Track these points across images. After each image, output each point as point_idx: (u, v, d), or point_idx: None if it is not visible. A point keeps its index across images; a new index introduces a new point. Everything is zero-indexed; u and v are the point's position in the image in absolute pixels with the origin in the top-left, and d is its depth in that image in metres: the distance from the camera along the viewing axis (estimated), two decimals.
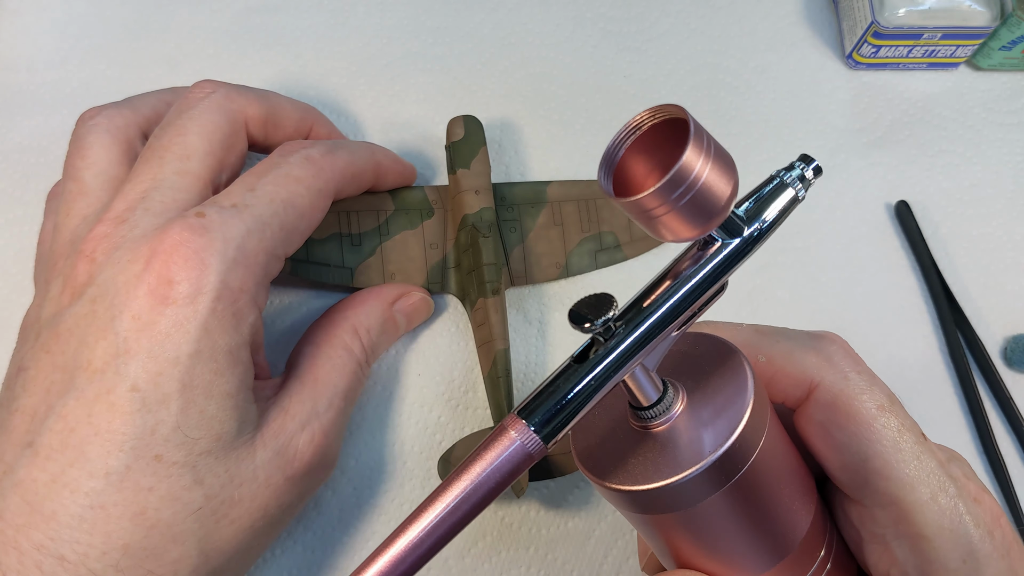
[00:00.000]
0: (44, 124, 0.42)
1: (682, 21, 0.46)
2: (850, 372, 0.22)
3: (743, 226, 0.19)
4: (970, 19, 0.41)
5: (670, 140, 0.17)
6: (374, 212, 0.38)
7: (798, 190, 0.20)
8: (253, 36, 0.44)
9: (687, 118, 0.16)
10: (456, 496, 0.18)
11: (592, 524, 0.36)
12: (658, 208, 0.16)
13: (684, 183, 0.16)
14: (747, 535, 0.20)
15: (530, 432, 0.18)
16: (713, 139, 0.16)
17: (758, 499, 0.20)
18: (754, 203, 0.19)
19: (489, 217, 0.37)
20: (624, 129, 0.17)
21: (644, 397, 0.20)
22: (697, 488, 0.19)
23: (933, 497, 0.21)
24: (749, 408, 0.19)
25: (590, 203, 0.40)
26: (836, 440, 0.22)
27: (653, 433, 0.20)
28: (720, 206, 0.17)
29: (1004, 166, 0.43)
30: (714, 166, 0.16)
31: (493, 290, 0.36)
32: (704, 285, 0.19)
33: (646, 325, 0.19)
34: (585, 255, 0.39)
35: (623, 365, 0.19)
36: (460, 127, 0.39)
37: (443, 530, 0.18)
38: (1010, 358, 0.39)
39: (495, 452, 0.18)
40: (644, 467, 0.19)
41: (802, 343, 0.23)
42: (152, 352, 0.25)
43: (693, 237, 0.17)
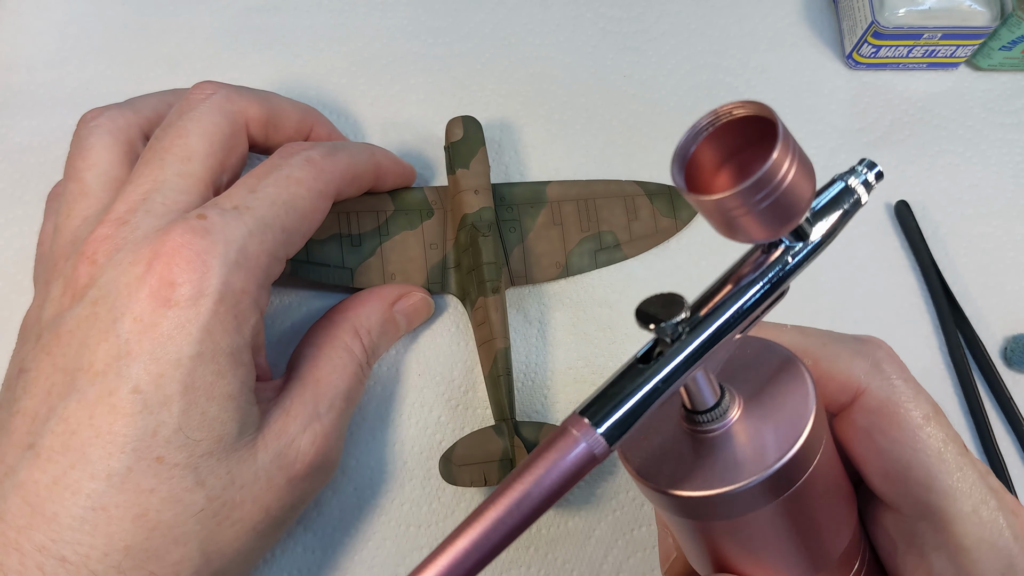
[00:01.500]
0: (44, 124, 0.42)
1: (682, 21, 0.46)
2: (897, 379, 0.22)
3: (809, 230, 0.19)
4: (970, 19, 0.41)
5: (743, 138, 0.16)
6: (374, 213, 0.38)
7: (860, 195, 0.19)
8: (253, 36, 0.44)
9: (774, 118, 0.16)
10: (517, 497, 0.17)
11: (592, 524, 0.36)
12: (738, 208, 0.16)
13: (770, 185, 0.15)
14: (791, 546, 0.20)
15: (595, 433, 0.17)
16: (797, 142, 0.16)
17: (808, 511, 0.20)
18: (819, 207, 0.19)
19: (489, 216, 0.37)
20: (702, 121, 0.17)
21: (702, 401, 0.19)
22: (754, 497, 0.18)
23: (975, 509, 0.20)
24: (812, 417, 0.19)
25: (589, 203, 0.40)
26: (880, 447, 0.21)
27: (707, 438, 0.19)
28: (800, 210, 0.16)
29: (1004, 166, 0.43)
30: (798, 169, 0.16)
31: (493, 289, 0.36)
32: (770, 289, 0.19)
33: (712, 330, 0.18)
34: (585, 255, 0.39)
35: (688, 368, 0.18)
36: (459, 127, 0.39)
37: (502, 534, 0.17)
38: (1010, 358, 0.39)
39: (558, 452, 0.17)
40: (699, 473, 0.19)
41: (849, 347, 0.22)
42: (154, 354, 0.25)
43: (766, 239, 0.17)
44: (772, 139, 0.15)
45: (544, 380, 0.38)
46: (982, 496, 0.21)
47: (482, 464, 0.34)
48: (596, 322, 0.39)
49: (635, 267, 0.40)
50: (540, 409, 0.38)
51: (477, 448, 0.34)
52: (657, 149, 0.43)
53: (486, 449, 0.34)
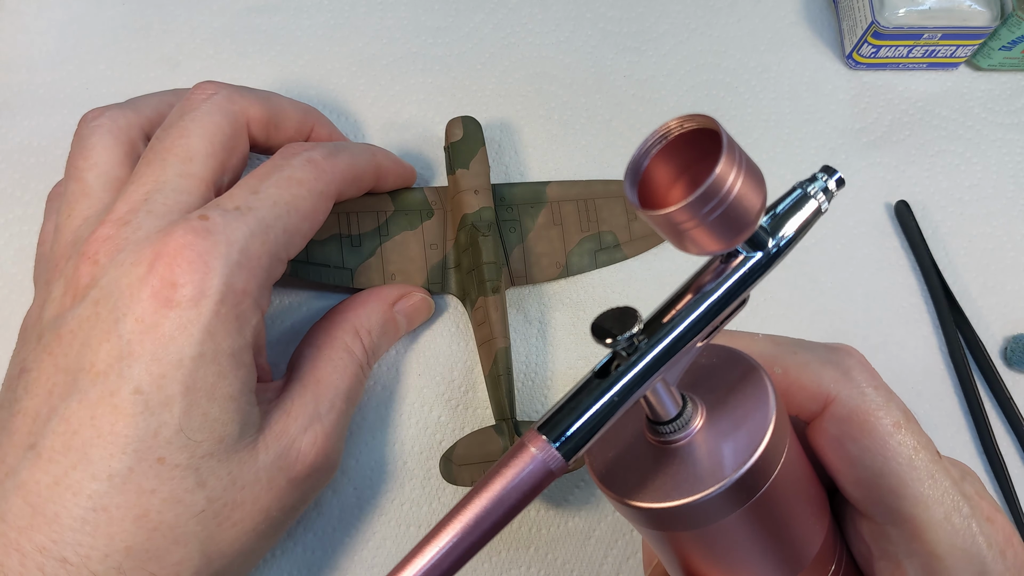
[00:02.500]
0: (44, 124, 0.42)
1: (682, 21, 0.46)
2: (867, 387, 0.22)
3: (767, 239, 0.19)
4: (970, 19, 0.41)
5: (697, 150, 0.17)
6: (374, 213, 0.38)
7: (821, 202, 0.19)
8: (253, 36, 0.44)
9: (719, 129, 0.16)
10: (475, 515, 0.17)
11: (592, 524, 0.36)
12: (687, 222, 0.16)
13: (716, 198, 0.15)
14: (762, 552, 0.20)
15: (551, 448, 0.18)
16: (744, 152, 0.16)
17: (776, 516, 0.20)
18: (777, 216, 0.19)
19: (488, 216, 0.37)
20: (651, 137, 0.17)
21: (663, 412, 0.19)
22: (716, 507, 0.18)
23: (947, 517, 0.20)
24: (772, 425, 0.19)
25: (589, 203, 0.40)
26: (851, 455, 0.21)
27: (671, 448, 0.20)
28: (750, 220, 0.17)
29: (1004, 166, 0.43)
30: (745, 180, 0.16)
31: (493, 288, 0.36)
32: (727, 299, 0.19)
33: (669, 340, 0.18)
34: (585, 255, 0.39)
35: (645, 380, 0.18)
36: (459, 128, 0.39)
37: (461, 550, 0.17)
38: (1010, 358, 0.39)
39: (515, 469, 0.17)
40: (662, 484, 0.19)
41: (819, 355, 0.22)
42: (155, 355, 0.25)
43: (719, 251, 0.17)
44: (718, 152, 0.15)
45: (544, 380, 0.38)
46: (954, 503, 0.21)
47: (482, 464, 0.34)
48: None
49: (635, 267, 0.40)
50: (540, 409, 0.38)
51: (477, 447, 0.34)
52: None
53: (486, 449, 0.34)
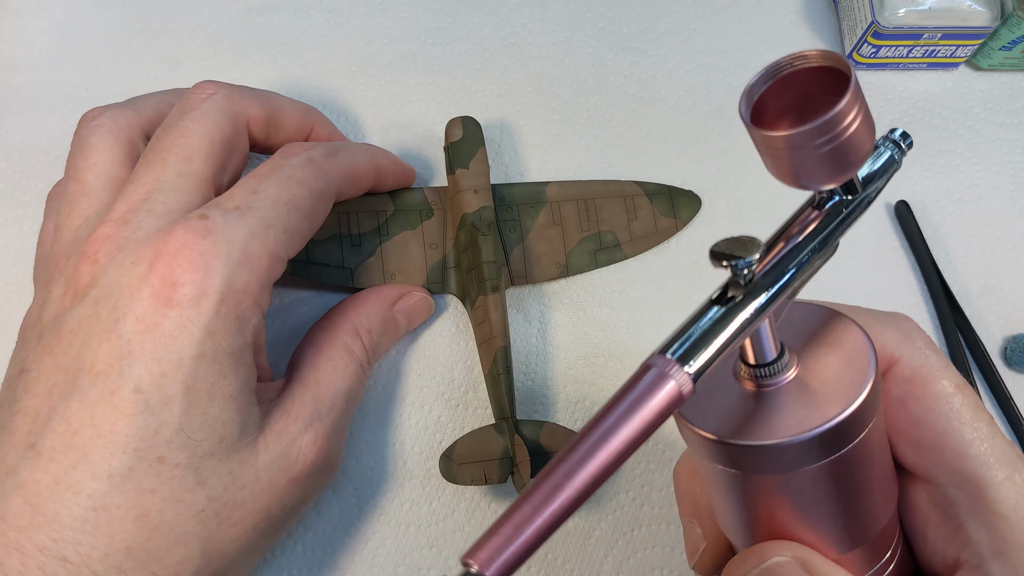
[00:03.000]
0: (44, 124, 0.42)
1: (682, 21, 0.46)
2: (927, 350, 0.22)
3: (858, 184, 0.19)
4: (970, 19, 0.41)
5: (814, 89, 0.17)
6: (374, 213, 0.38)
7: (897, 155, 0.20)
8: (253, 36, 0.44)
9: (849, 71, 0.16)
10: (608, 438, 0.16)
11: (592, 524, 0.36)
12: (798, 149, 0.16)
13: (834, 130, 0.16)
14: (834, 513, 0.20)
15: (683, 371, 0.16)
16: (864, 97, 0.17)
17: (856, 477, 0.20)
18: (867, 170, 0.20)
19: (488, 216, 0.37)
20: (783, 60, 0.17)
21: (763, 353, 0.19)
22: (805, 453, 0.18)
23: (1009, 476, 0.21)
24: (872, 380, 0.19)
25: (589, 203, 0.40)
26: (914, 415, 0.21)
27: (764, 392, 0.19)
28: (859, 160, 0.17)
29: (1004, 166, 0.43)
30: (863, 120, 0.16)
31: (493, 287, 0.36)
32: (827, 240, 0.19)
33: (784, 275, 0.18)
34: (585, 254, 0.39)
35: (761, 313, 0.18)
36: (458, 128, 0.39)
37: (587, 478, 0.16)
38: (1010, 358, 0.39)
39: (645, 391, 0.16)
40: (751, 424, 0.19)
41: (880, 319, 0.23)
42: (156, 354, 0.25)
43: (820, 186, 0.18)
44: (844, 88, 0.16)
45: (544, 380, 0.38)
46: (1014, 463, 0.21)
47: (482, 462, 0.34)
48: (596, 322, 0.39)
49: (635, 267, 0.40)
50: (540, 409, 0.38)
51: (478, 446, 0.34)
52: (657, 149, 0.43)
53: (487, 447, 0.34)
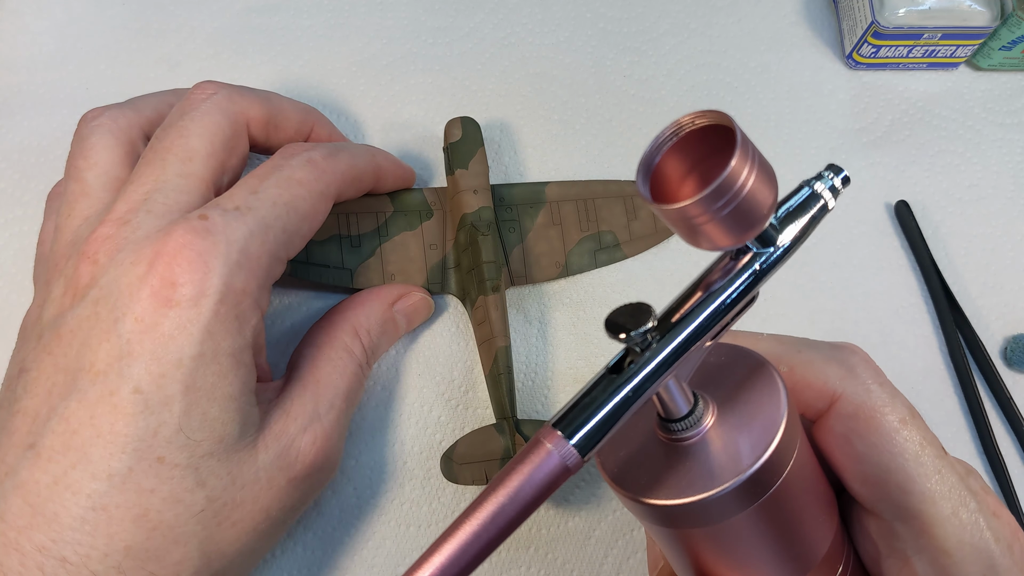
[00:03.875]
0: (44, 124, 0.42)
1: (682, 21, 0.46)
2: (872, 384, 0.22)
3: (776, 235, 0.19)
4: (970, 19, 0.41)
5: (709, 147, 0.17)
6: (373, 214, 0.38)
7: (828, 200, 0.19)
8: (253, 36, 0.44)
9: (732, 126, 0.16)
10: (492, 512, 0.17)
11: (592, 524, 0.36)
12: (700, 217, 0.16)
13: (729, 192, 0.16)
14: (773, 551, 0.20)
15: (568, 445, 0.17)
16: (756, 149, 0.16)
17: (786, 515, 0.20)
18: (785, 213, 0.19)
19: (488, 216, 0.37)
20: (664, 132, 0.17)
21: (675, 409, 0.19)
22: (727, 504, 0.18)
23: (954, 511, 0.21)
24: (784, 421, 0.19)
25: (588, 203, 0.40)
26: (857, 452, 0.21)
27: (683, 446, 0.20)
28: (761, 216, 0.17)
29: (1004, 166, 0.43)
30: (758, 176, 0.16)
31: (493, 287, 0.36)
32: (738, 296, 0.19)
33: (682, 337, 0.18)
34: (584, 254, 0.39)
35: (659, 377, 0.18)
36: (458, 128, 0.39)
37: (477, 549, 0.17)
38: (1010, 358, 0.39)
39: (532, 466, 0.17)
40: (674, 481, 0.19)
41: (824, 353, 0.23)
42: (155, 354, 0.25)
43: (731, 246, 0.17)
44: (731, 147, 0.15)
45: (544, 380, 0.38)
46: (961, 498, 0.21)
47: (483, 462, 0.34)
48: (596, 322, 0.39)
49: (635, 267, 0.40)
50: (540, 409, 0.38)
51: (478, 446, 0.34)
52: None
53: (487, 447, 0.34)
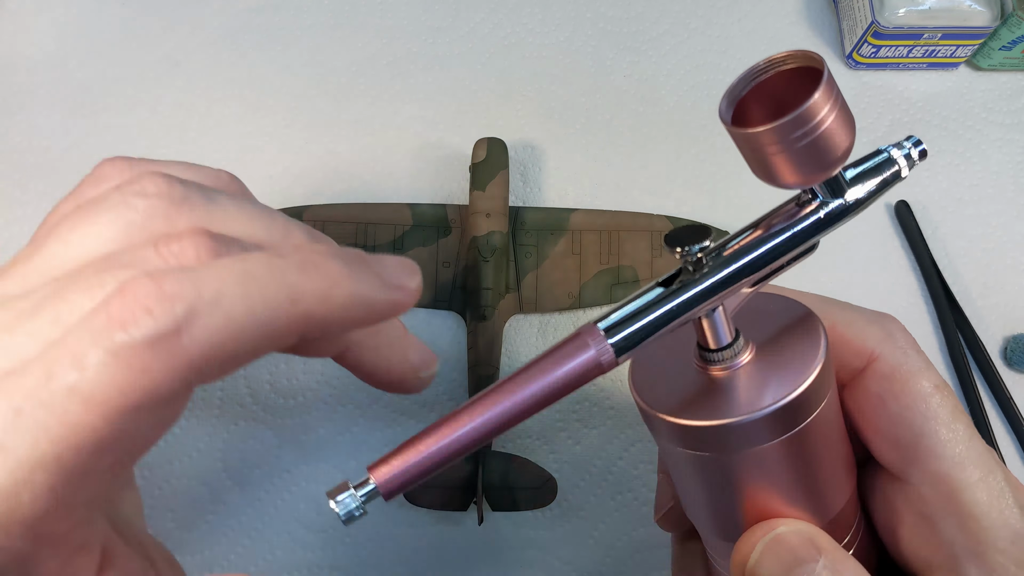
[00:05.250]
0: (44, 124, 0.41)
1: (682, 21, 0.46)
2: (909, 350, 0.22)
3: (845, 189, 0.19)
4: (970, 19, 0.41)
5: (796, 90, 0.17)
6: (391, 226, 0.38)
7: (902, 167, 0.20)
8: (253, 36, 0.44)
9: (822, 66, 0.16)
10: (524, 389, 0.18)
11: (592, 524, 0.36)
12: (774, 146, 0.17)
13: (807, 124, 0.16)
14: (790, 491, 0.21)
15: (606, 342, 0.18)
16: (841, 94, 0.17)
17: (808, 458, 0.20)
18: (858, 172, 0.19)
19: (497, 241, 0.37)
20: (757, 66, 0.18)
21: (716, 338, 0.20)
22: (753, 432, 0.19)
23: (983, 478, 0.21)
24: (821, 362, 0.19)
25: (613, 234, 0.39)
26: (891, 413, 0.22)
27: (718, 377, 0.20)
28: (834, 157, 0.17)
29: (1004, 166, 0.43)
30: (838, 116, 0.16)
31: (484, 315, 0.36)
32: (797, 239, 0.19)
33: (734, 267, 0.19)
34: (600, 287, 0.38)
35: (706, 299, 0.19)
36: (483, 149, 0.39)
37: (499, 420, 0.18)
38: (1010, 358, 0.39)
39: (567, 355, 0.18)
40: (706, 406, 0.19)
41: (866, 316, 0.23)
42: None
43: (799, 184, 0.18)
44: (817, 84, 0.16)
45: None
46: (989, 466, 0.21)
47: (442, 488, 0.34)
48: None
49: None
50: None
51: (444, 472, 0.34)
52: (658, 149, 0.43)
53: (452, 474, 0.34)
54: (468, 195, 0.38)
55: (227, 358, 0.16)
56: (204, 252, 0.17)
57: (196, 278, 0.16)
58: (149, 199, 0.18)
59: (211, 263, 0.16)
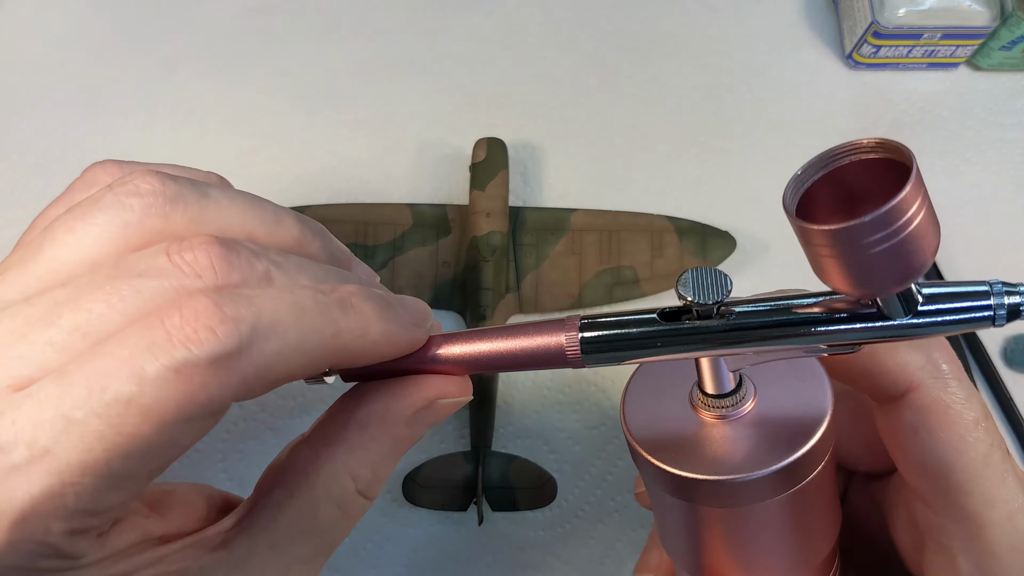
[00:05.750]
0: (44, 124, 0.41)
1: (682, 22, 0.46)
2: (951, 379, 0.21)
3: (917, 305, 0.17)
4: (970, 19, 0.41)
5: (876, 183, 0.15)
6: (391, 225, 0.38)
7: (999, 309, 0.16)
8: (253, 36, 0.44)
9: (910, 160, 0.14)
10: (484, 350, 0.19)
11: (592, 524, 0.36)
12: (856, 244, 0.14)
13: (897, 222, 0.14)
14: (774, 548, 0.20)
15: (577, 339, 0.19)
16: (928, 193, 0.14)
17: (800, 515, 0.20)
18: (942, 291, 0.17)
19: (496, 241, 0.37)
20: (836, 150, 0.15)
21: (716, 386, 0.19)
22: (744, 492, 0.18)
23: (1009, 517, 0.20)
24: (825, 423, 0.18)
25: (613, 235, 0.39)
26: (924, 445, 0.21)
27: (714, 424, 0.19)
28: (919, 263, 0.15)
29: (1004, 166, 0.43)
30: (927, 215, 0.14)
31: (482, 315, 0.36)
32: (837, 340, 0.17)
33: (754, 330, 0.17)
34: (600, 287, 0.38)
35: (706, 348, 0.18)
36: (483, 149, 0.39)
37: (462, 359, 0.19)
38: (1010, 358, 0.39)
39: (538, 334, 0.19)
40: (702, 456, 0.19)
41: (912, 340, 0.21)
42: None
43: (865, 296, 0.16)
44: (904, 178, 0.14)
45: (545, 380, 0.38)
46: (1020, 504, 0.21)
47: (444, 488, 0.34)
48: None
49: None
50: (540, 409, 0.38)
51: (444, 471, 0.34)
52: (657, 149, 0.43)
53: (452, 474, 0.34)
54: (468, 195, 0.38)
55: (272, 379, 0.18)
56: (217, 260, 0.17)
57: (253, 303, 0.17)
58: (144, 198, 0.18)
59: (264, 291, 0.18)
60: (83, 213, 0.18)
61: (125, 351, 0.16)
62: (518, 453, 0.35)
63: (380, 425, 0.21)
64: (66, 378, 0.16)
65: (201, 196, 0.19)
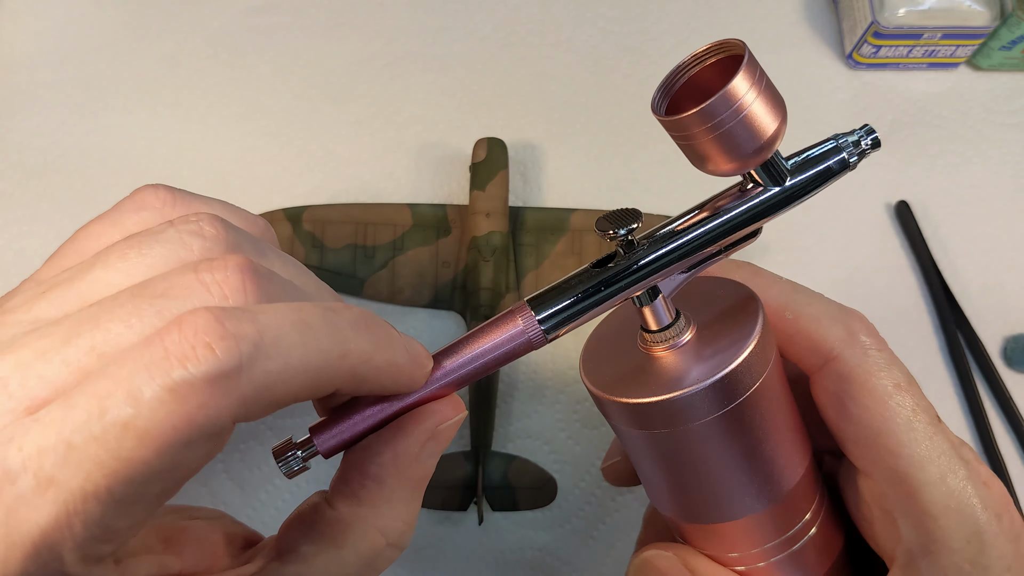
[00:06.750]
0: (44, 124, 0.41)
1: (682, 21, 0.46)
2: (871, 349, 0.22)
3: (786, 176, 0.19)
4: (970, 19, 0.41)
5: (726, 79, 0.17)
6: (391, 226, 0.38)
7: (851, 156, 0.20)
8: (253, 36, 0.44)
9: (743, 50, 0.16)
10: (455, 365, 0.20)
11: (592, 524, 0.36)
12: (698, 131, 0.17)
13: (728, 108, 0.16)
14: (732, 470, 0.21)
15: (535, 322, 0.19)
16: (767, 76, 0.17)
17: (750, 434, 0.20)
18: (804, 159, 0.20)
19: (496, 241, 0.37)
20: (684, 61, 0.18)
21: (656, 320, 0.20)
22: (694, 406, 0.19)
23: (942, 477, 0.21)
24: (755, 340, 0.20)
25: None
26: (849, 413, 0.22)
27: (661, 356, 0.21)
28: (760, 142, 0.17)
29: (1004, 166, 0.43)
30: (762, 99, 0.16)
31: (484, 315, 0.36)
32: (735, 224, 0.19)
33: (669, 247, 0.19)
34: None
35: (638, 281, 0.19)
36: (483, 149, 0.39)
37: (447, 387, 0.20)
38: (1010, 358, 0.39)
39: (499, 333, 0.20)
40: (647, 384, 0.20)
41: (831, 313, 0.23)
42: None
43: (731, 171, 0.18)
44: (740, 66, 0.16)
45: (545, 379, 0.38)
46: (950, 465, 0.21)
47: (444, 488, 0.34)
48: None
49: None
50: (540, 409, 0.38)
51: (444, 471, 0.34)
52: (657, 149, 0.43)
53: (452, 473, 0.34)
54: (468, 195, 0.38)
55: (274, 401, 0.16)
56: (248, 280, 0.17)
57: (256, 319, 0.16)
58: (206, 241, 0.18)
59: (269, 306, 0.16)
60: (140, 242, 0.18)
61: (124, 371, 0.15)
62: (518, 453, 0.35)
63: (396, 475, 0.21)
64: (70, 401, 0.16)
65: (257, 253, 0.19)
